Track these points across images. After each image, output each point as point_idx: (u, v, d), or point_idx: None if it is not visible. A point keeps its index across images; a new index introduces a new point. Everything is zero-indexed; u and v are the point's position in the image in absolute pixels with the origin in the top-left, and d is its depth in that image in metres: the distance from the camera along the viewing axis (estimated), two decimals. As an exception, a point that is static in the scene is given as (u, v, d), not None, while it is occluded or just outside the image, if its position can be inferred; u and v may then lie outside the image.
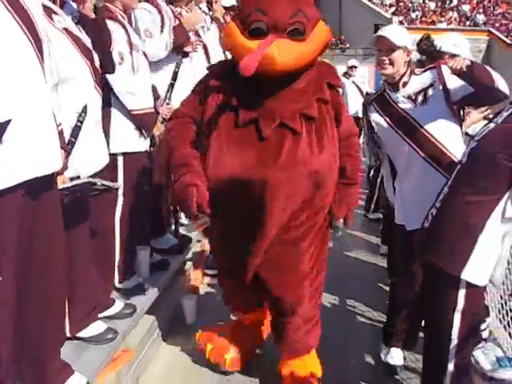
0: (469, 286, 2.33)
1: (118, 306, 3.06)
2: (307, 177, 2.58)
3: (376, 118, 3.20)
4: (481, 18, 30.81)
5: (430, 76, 3.12)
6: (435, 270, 2.40)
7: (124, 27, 3.23)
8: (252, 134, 2.55)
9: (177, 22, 4.03)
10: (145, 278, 3.51)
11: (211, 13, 5.23)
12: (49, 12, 2.52)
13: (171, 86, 3.87)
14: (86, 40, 2.78)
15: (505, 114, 2.36)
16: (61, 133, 2.36)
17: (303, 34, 2.50)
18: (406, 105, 3.09)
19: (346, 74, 10.32)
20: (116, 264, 3.30)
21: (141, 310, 3.24)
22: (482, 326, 3.27)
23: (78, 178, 2.55)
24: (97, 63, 2.80)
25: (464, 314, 2.35)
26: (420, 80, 3.13)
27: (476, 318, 2.50)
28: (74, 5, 2.88)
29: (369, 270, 5.12)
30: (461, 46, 3.68)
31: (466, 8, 32.03)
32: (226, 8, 5.54)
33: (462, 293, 2.34)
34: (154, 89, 3.54)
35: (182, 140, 2.69)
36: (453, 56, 3.61)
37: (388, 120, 3.14)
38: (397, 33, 3.09)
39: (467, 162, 2.44)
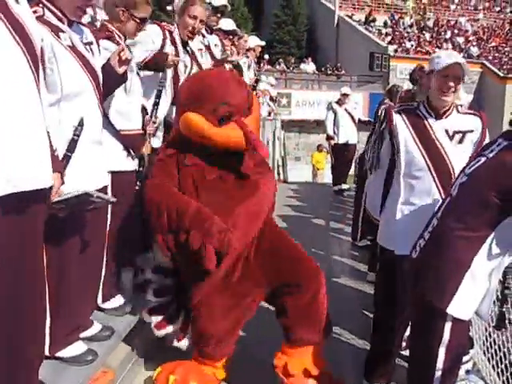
0: (455, 319, 2.32)
1: (97, 327, 3.03)
2: None
3: (402, 129, 3.14)
4: (475, 50, 31.27)
5: (474, 122, 3.12)
6: (423, 301, 2.39)
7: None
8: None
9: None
10: (128, 299, 3.46)
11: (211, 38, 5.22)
12: (56, 30, 2.57)
13: (156, 104, 3.79)
14: (93, 60, 2.79)
15: (496, 149, 2.36)
16: (54, 154, 2.34)
17: (250, 109, 3.14)
18: (440, 135, 3.08)
19: (338, 101, 10.40)
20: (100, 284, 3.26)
21: (122, 331, 3.20)
22: (466, 358, 3.25)
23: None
24: (101, 83, 2.82)
25: (449, 348, 2.35)
26: (463, 120, 3.13)
27: (460, 350, 2.50)
28: (85, 28, 2.89)
29: (356, 298, 5.09)
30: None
31: (460, 40, 32.52)
32: (225, 32, 5.59)
33: (447, 326, 2.33)
34: (143, 109, 3.54)
35: (175, 195, 2.99)
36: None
37: (417, 139, 3.09)
38: (466, 64, 3.04)
39: (457, 196, 2.44)
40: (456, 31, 33.78)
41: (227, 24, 5.67)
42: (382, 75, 25.63)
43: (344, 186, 10.57)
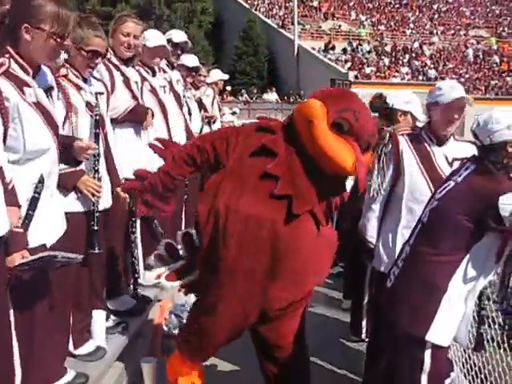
0: (434, 346, 2.31)
1: (70, 375, 2.92)
2: None
3: (407, 153, 3.22)
4: (432, 72, 32.06)
5: (470, 150, 3.05)
6: (400, 330, 2.37)
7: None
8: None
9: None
10: (101, 343, 3.37)
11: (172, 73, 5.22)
12: (20, 84, 2.45)
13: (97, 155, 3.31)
14: (56, 113, 2.71)
15: (464, 173, 2.39)
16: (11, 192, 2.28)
17: (365, 152, 2.70)
18: (441, 161, 3.17)
19: None
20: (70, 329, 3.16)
21: (97, 378, 3.10)
22: (447, 381, 3.23)
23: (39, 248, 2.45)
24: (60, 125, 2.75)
25: (430, 375, 2.34)
26: (460, 148, 3.21)
27: (442, 375, 2.48)
28: (47, 70, 2.80)
29: (332, 326, 5.05)
30: (413, 102, 3.77)
31: (417, 63, 33.37)
32: (188, 69, 5.58)
33: (427, 353, 2.32)
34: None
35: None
36: (405, 113, 3.71)
37: (420, 164, 3.18)
38: (469, 98, 3.16)
39: (428, 222, 2.45)
40: (414, 55, 34.66)
41: (191, 60, 5.66)
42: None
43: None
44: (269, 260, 2.65)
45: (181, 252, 3.09)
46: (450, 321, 2.33)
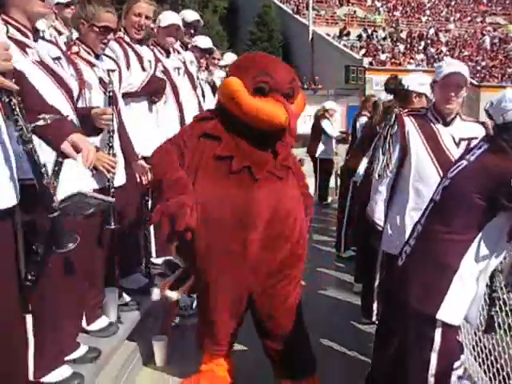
0: (444, 325, 2.30)
1: (83, 349, 2.96)
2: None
3: (413, 134, 3.19)
4: (448, 59, 31.69)
5: (478, 130, 3.15)
6: (410, 309, 2.37)
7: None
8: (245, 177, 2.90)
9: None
10: (113, 320, 3.40)
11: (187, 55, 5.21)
12: (22, 46, 2.48)
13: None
14: (64, 73, 2.74)
15: (477, 152, 2.38)
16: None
17: (292, 97, 2.94)
18: (447, 141, 3.13)
19: (322, 116, 10.36)
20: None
21: (109, 353, 3.14)
22: (457, 364, 3.23)
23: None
24: (75, 95, 2.78)
25: (440, 353, 2.33)
26: (468, 128, 3.19)
27: (452, 356, 2.48)
28: (50, 45, 2.81)
29: (344, 309, 5.06)
30: (427, 84, 3.73)
31: (432, 50, 33.01)
32: (201, 50, 5.56)
33: (438, 332, 2.31)
34: None
35: (170, 163, 2.91)
36: (419, 95, 3.69)
37: (427, 145, 3.15)
38: (466, 71, 3.12)
39: (440, 200, 2.44)
40: (429, 42, 34.29)
41: (204, 42, 5.62)
42: (357, 88, 25.84)
43: (329, 200, 10.59)
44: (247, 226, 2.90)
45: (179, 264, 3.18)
46: (461, 300, 2.32)
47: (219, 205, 2.86)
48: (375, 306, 4.42)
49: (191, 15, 5.28)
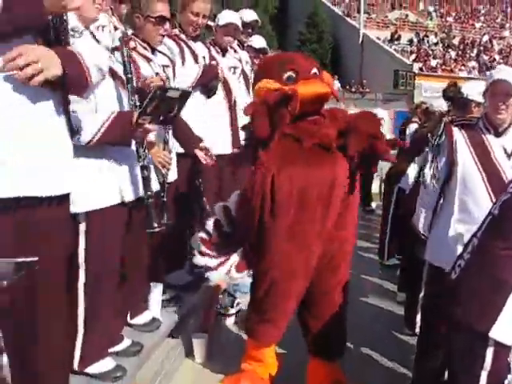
0: (497, 344, 2.23)
1: (126, 342, 2.99)
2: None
3: (461, 145, 3.09)
4: (501, 67, 30.96)
5: None
6: (463, 324, 2.30)
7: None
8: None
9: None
10: (156, 315, 3.42)
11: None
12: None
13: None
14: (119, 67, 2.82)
15: None
16: None
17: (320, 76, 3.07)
18: (498, 153, 3.02)
19: None
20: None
21: (151, 347, 3.16)
22: (506, 382, 3.15)
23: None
24: None
25: (491, 372, 2.25)
26: None
27: (502, 375, 2.40)
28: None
29: (386, 318, 4.99)
30: (487, 95, 3.64)
31: (485, 57, 32.32)
32: (255, 50, 5.54)
33: (490, 351, 2.24)
34: None
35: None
36: (479, 104, 3.59)
37: (475, 156, 3.04)
38: None
39: (499, 214, 2.36)
40: (482, 49, 33.59)
41: (258, 42, 5.63)
42: (406, 93, 25.51)
43: (373, 206, 10.46)
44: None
45: (226, 229, 3.13)
46: (516, 319, 2.25)
47: (307, 185, 2.90)
48: (419, 317, 4.33)
49: (250, 15, 5.29)
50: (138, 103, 2.73)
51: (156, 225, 2.87)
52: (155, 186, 3.02)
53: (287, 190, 2.85)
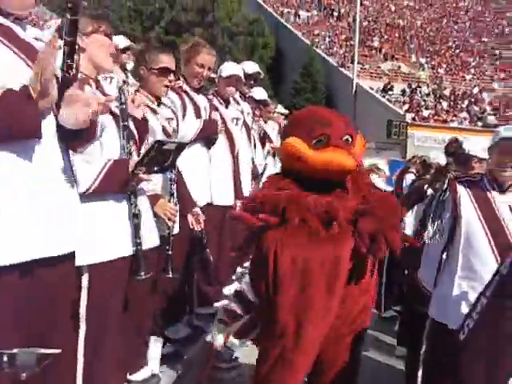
0: None
1: (127, 401, 2.92)
2: None
3: (465, 201, 3.08)
4: (491, 118, 31.49)
5: None
6: None
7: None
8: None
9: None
10: (155, 371, 3.35)
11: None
12: None
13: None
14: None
15: None
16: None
17: (352, 142, 2.81)
18: (503, 210, 3.02)
19: (370, 171, 10.30)
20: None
21: (151, 405, 3.08)
22: None
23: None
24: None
25: None
26: None
27: None
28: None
29: (385, 373, 4.90)
30: (489, 150, 3.67)
31: (476, 108, 32.88)
32: (256, 101, 5.61)
33: None
34: None
35: None
36: (480, 160, 3.61)
37: (479, 213, 3.03)
38: None
39: (508, 274, 2.35)
40: (472, 100, 34.18)
41: (259, 93, 5.72)
42: (399, 143, 25.80)
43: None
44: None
45: (238, 311, 3.06)
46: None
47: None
48: (420, 373, 4.26)
49: (252, 67, 5.37)
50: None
51: (143, 273, 2.77)
52: (156, 238, 2.99)
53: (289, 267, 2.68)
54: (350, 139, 2.83)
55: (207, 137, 4.19)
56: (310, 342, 2.77)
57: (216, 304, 3.85)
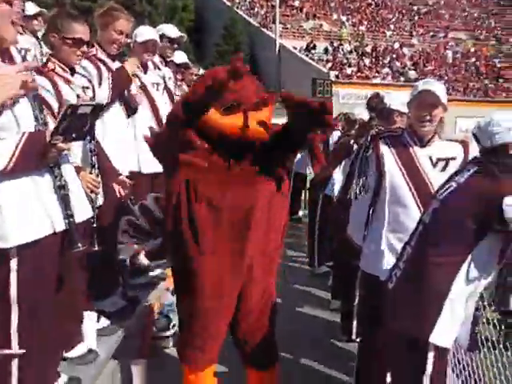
0: (437, 348, 2.29)
1: (63, 379, 2.85)
2: None
3: (388, 156, 3.14)
4: (412, 73, 32.29)
5: (457, 150, 3.14)
6: (402, 333, 2.35)
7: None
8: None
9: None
10: (92, 346, 3.29)
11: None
12: None
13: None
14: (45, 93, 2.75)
15: (466, 174, 2.38)
16: None
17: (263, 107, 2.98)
18: (424, 162, 3.08)
19: None
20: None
21: (90, 380, 3.04)
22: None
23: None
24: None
25: (433, 377, 2.32)
26: (446, 148, 3.14)
27: (443, 378, 2.46)
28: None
29: (321, 326, 5.04)
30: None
31: (398, 64, 33.59)
32: (177, 65, 5.49)
33: (430, 356, 2.30)
34: None
35: None
36: (402, 114, 3.68)
37: (402, 167, 3.10)
38: (441, 89, 3.05)
39: (430, 223, 2.43)
40: (394, 56, 34.87)
41: (180, 57, 5.58)
42: (324, 101, 26.06)
43: (300, 214, 10.54)
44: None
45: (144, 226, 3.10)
46: (453, 323, 2.32)
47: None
48: (355, 323, 4.40)
49: (175, 31, 5.19)
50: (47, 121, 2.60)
51: (80, 244, 2.67)
52: (88, 208, 2.91)
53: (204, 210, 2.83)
54: (261, 103, 2.95)
55: (121, 91, 4.00)
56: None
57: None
